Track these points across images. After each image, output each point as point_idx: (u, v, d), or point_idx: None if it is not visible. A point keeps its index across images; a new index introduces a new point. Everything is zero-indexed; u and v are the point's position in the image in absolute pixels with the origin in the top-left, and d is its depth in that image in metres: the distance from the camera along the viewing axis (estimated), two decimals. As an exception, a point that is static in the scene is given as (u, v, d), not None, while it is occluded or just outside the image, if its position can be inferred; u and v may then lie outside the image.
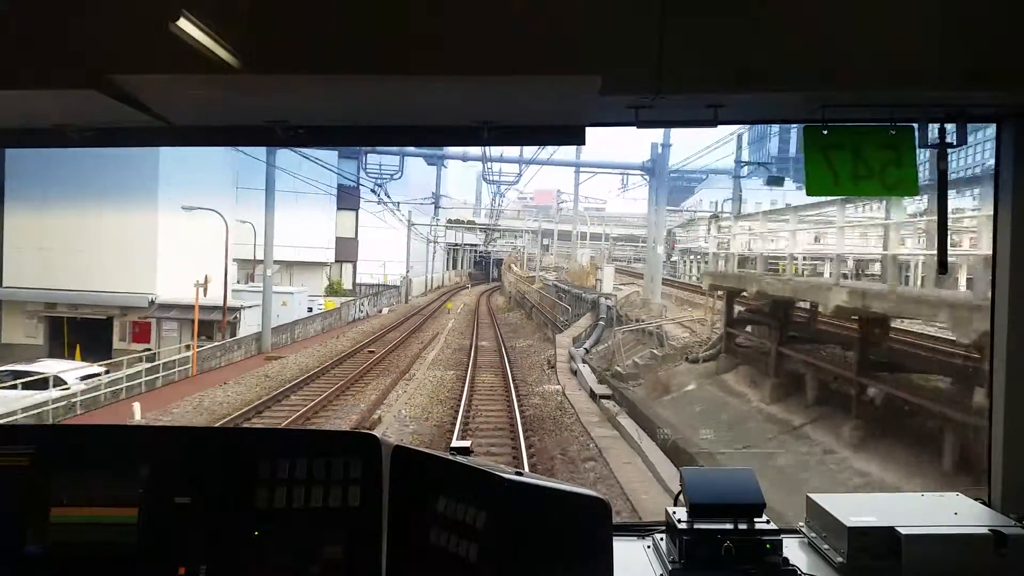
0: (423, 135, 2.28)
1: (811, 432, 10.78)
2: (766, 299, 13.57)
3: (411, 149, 31.69)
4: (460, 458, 1.78)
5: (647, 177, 30.04)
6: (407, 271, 56.14)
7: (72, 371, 20.04)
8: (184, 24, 1.50)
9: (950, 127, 1.95)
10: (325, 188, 36.20)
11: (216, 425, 14.35)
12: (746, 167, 30.08)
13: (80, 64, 1.65)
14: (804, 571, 1.90)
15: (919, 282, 14.99)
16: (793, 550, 2.00)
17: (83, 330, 29.35)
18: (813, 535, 2.10)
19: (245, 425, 14.60)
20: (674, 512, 1.98)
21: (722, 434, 12.20)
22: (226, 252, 28.25)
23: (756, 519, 1.90)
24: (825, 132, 1.92)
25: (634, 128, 2.03)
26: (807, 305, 11.91)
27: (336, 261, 46.61)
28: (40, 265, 28.62)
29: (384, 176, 28.68)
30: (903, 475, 8.69)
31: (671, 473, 11.07)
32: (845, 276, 13.70)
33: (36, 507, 1.80)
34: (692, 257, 49.09)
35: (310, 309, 36.69)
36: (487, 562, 1.58)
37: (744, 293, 15.17)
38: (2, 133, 2.17)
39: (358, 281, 49.55)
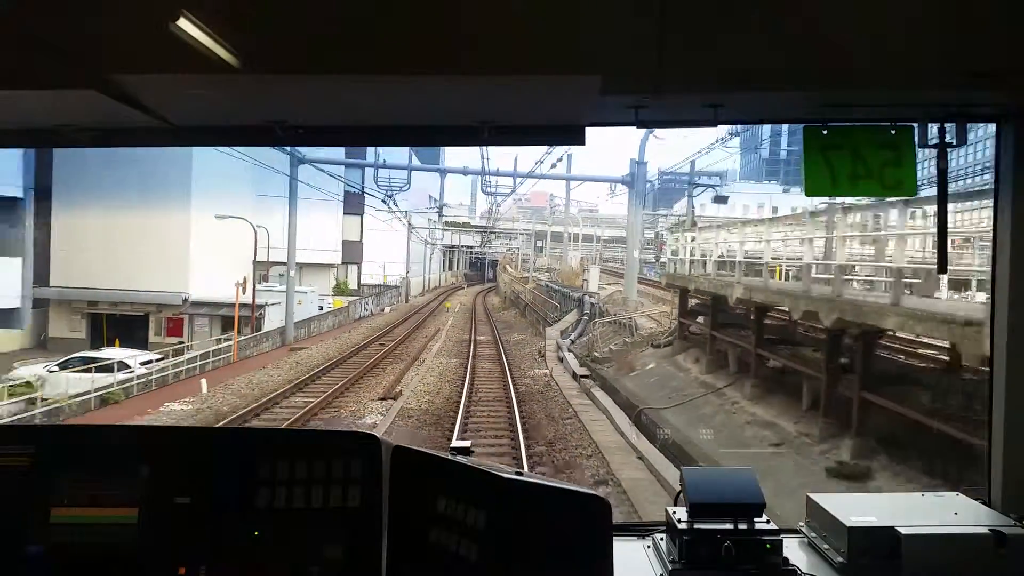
0: (423, 135, 2.31)
1: (727, 391, 14.93)
2: (703, 295, 17.88)
3: (416, 163, 35.48)
4: (460, 458, 1.81)
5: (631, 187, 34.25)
6: (407, 272, 60.04)
7: (133, 358, 23.99)
8: (184, 24, 1.52)
9: (950, 127, 1.97)
10: (333, 195, 40.15)
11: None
12: (697, 187, 34.51)
13: (80, 64, 1.67)
14: (804, 571, 1.91)
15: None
16: (793, 550, 2.02)
17: (121, 325, 33.19)
18: (813, 535, 2.12)
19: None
20: (674, 512, 2.00)
21: (666, 395, 16.34)
22: (254, 255, 32.18)
23: (756, 519, 1.92)
24: (825, 132, 1.97)
25: (634, 128, 2.05)
26: (726, 297, 16.11)
27: (342, 263, 50.50)
28: (84, 265, 32.41)
29: (394, 188, 32.73)
30: (774, 414, 12.87)
31: (626, 423, 15.18)
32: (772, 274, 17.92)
33: (36, 507, 1.83)
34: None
35: (320, 307, 40.57)
36: (487, 562, 1.62)
37: (689, 290, 19.52)
38: (2, 133, 2.19)
39: (362, 282, 53.40)
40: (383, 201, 33.03)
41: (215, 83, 1.75)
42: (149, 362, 23.85)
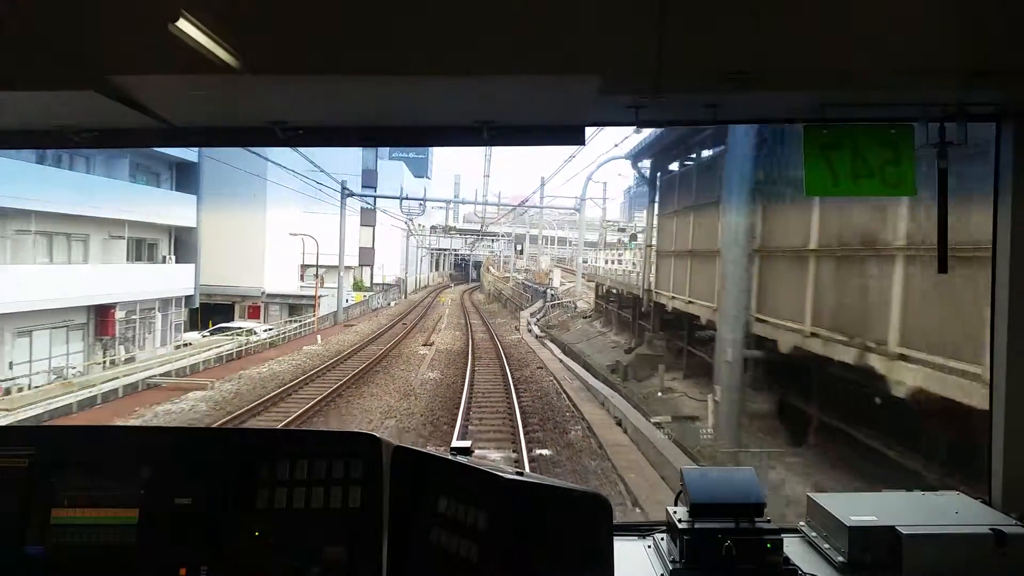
0: (423, 135, 2.46)
1: (608, 333, 32.74)
2: (601, 285, 35.67)
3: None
4: (460, 458, 1.93)
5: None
6: (405, 273, 76.90)
7: (257, 326, 40.99)
8: (184, 24, 1.60)
9: (950, 126, 2.12)
10: (353, 210, 57.07)
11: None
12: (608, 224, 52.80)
13: (80, 65, 1.77)
14: (804, 570, 2.05)
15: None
16: (794, 549, 2.16)
17: (213, 311, 49.87)
18: (814, 534, 2.27)
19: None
20: (675, 512, 2.14)
21: (582, 338, 33.93)
22: (317, 261, 49.33)
23: (757, 518, 2.06)
24: (825, 131, 2.11)
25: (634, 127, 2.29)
26: (603, 285, 33.89)
27: (359, 265, 67.43)
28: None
29: (413, 213, 50.00)
30: (620, 339, 30.46)
31: (558, 352, 32.48)
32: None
33: (37, 508, 1.95)
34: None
35: (347, 300, 57.53)
36: (488, 562, 1.71)
37: (594, 282, 37.54)
38: (2, 134, 2.34)
39: (374, 281, 70.43)
40: (406, 223, 50.29)
41: (215, 83, 1.86)
42: (269, 330, 40.87)
